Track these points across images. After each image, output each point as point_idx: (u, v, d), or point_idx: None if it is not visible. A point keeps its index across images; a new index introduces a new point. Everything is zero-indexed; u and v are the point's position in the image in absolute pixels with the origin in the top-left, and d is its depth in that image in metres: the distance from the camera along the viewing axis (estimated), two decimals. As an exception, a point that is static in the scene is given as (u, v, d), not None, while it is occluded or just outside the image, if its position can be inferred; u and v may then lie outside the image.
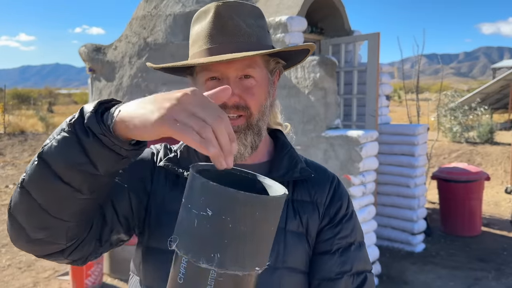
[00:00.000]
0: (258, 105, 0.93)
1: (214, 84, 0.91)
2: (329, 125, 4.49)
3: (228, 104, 0.89)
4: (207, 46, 0.90)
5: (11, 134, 14.21)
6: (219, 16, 0.90)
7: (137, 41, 5.44)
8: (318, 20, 5.57)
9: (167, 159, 0.97)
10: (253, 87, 0.92)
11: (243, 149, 0.93)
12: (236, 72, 0.90)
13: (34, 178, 0.72)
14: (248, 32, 0.91)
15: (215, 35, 0.90)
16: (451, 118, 13.23)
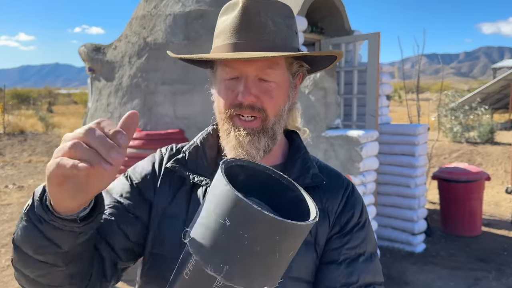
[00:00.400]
0: (275, 108, 0.90)
1: (233, 82, 0.89)
2: (329, 125, 4.48)
3: (244, 104, 0.87)
4: (230, 41, 0.87)
5: (11, 134, 14.20)
6: (246, 11, 0.86)
7: (137, 41, 5.43)
8: (318, 20, 5.56)
9: (175, 160, 0.95)
10: (272, 90, 0.89)
11: (255, 152, 0.89)
12: (255, 71, 0.87)
13: (16, 259, 0.80)
14: (274, 31, 0.87)
15: (239, 30, 0.87)
16: (452, 118, 13.23)
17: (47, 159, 11.87)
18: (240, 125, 0.89)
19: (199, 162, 0.95)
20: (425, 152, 5.43)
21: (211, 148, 0.97)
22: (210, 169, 0.94)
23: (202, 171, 0.94)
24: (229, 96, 0.89)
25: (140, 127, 5.16)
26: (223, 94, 0.90)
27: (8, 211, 7.04)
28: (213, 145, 0.98)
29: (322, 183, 0.95)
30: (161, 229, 0.92)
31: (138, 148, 4.59)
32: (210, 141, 0.98)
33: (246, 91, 0.86)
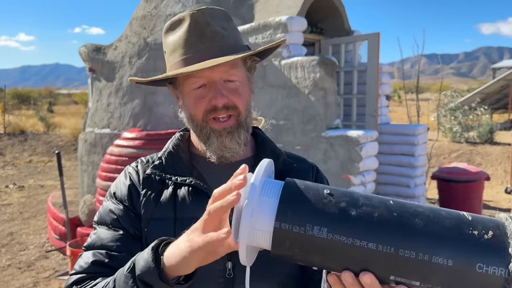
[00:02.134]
0: (244, 103, 0.97)
1: (201, 90, 0.94)
2: (329, 125, 4.49)
3: (219, 106, 0.93)
4: (188, 54, 0.93)
5: (11, 134, 14.21)
6: (196, 24, 0.93)
7: (137, 41, 5.44)
8: (318, 20, 5.57)
9: (153, 167, 1.00)
10: (238, 88, 0.96)
11: (238, 147, 0.97)
12: (221, 75, 0.93)
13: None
14: (226, 35, 0.94)
15: (194, 42, 0.93)
16: (451, 118, 13.24)
17: (48, 159, 11.88)
18: (218, 127, 0.95)
19: (177, 165, 1.00)
20: (425, 152, 5.44)
21: (184, 152, 1.04)
22: (188, 170, 1.00)
23: (182, 172, 0.99)
24: (201, 103, 0.94)
25: (140, 127, 5.17)
26: (194, 103, 0.95)
27: (8, 211, 7.05)
28: (185, 150, 1.04)
29: (293, 166, 1.05)
30: (150, 232, 0.95)
31: (138, 148, 4.60)
32: (182, 146, 1.04)
33: (219, 94, 0.93)
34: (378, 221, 0.60)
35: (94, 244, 0.95)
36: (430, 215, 0.61)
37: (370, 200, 0.62)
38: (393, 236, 0.59)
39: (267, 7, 5.12)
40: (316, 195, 0.63)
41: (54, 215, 5.46)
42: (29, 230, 6.07)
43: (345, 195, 0.63)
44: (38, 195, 8.14)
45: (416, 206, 0.63)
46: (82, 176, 5.75)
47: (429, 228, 0.59)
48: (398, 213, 0.61)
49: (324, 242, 0.60)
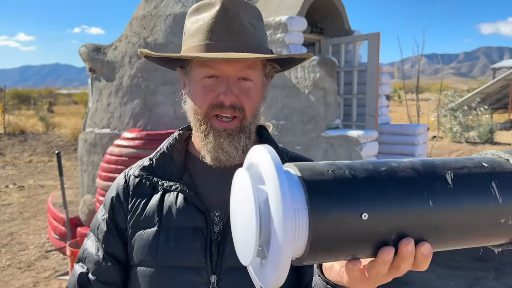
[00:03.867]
0: (253, 107, 0.90)
1: (212, 82, 0.88)
2: (329, 125, 4.49)
3: (226, 104, 0.87)
4: (209, 41, 0.86)
5: (11, 134, 14.21)
6: (225, 12, 0.86)
7: (137, 41, 5.44)
8: (318, 20, 5.57)
9: (141, 168, 0.95)
10: (251, 90, 0.89)
11: (235, 152, 0.90)
12: (236, 72, 0.87)
13: None
14: (252, 33, 0.88)
15: (219, 30, 0.86)
16: (451, 118, 13.24)
17: (48, 159, 11.89)
18: (219, 126, 0.88)
19: (167, 168, 0.94)
20: (425, 152, 5.44)
21: (178, 153, 0.97)
22: (179, 174, 0.94)
23: (171, 176, 0.93)
24: (208, 96, 0.88)
25: (140, 127, 5.17)
26: (201, 93, 0.89)
27: (8, 211, 7.05)
28: (180, 150, 0.98)
29: None
30: (134, 242, 0.92)
31: (138, 148, 4.60)
32: (177, 147, 0.98)
33: (229, 91, 0.86)
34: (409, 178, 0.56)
35: (82, 259, 0.98)
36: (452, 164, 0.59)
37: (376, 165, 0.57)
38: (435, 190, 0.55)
39: (267, 7, 5.12)
40: (336, 174, 0.55)
41: (54, 215, 5.46)
42: (29, 230, 6.07)
43: (351, 166, 0.57)
44: (38, 195, 8.14)
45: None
46: (82, 176, 5.75)
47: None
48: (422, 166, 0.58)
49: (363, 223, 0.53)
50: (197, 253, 0.88)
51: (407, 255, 0.55)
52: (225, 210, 0.91)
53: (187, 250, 0.88)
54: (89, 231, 1.00)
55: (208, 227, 0.89)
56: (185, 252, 0.88)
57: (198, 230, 0.89)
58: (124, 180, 0.98)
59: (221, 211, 0.91)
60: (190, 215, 0.89)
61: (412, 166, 0.58)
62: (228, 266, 0.88)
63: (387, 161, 0.58)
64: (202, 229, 0.89)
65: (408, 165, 0.58)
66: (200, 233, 0.89)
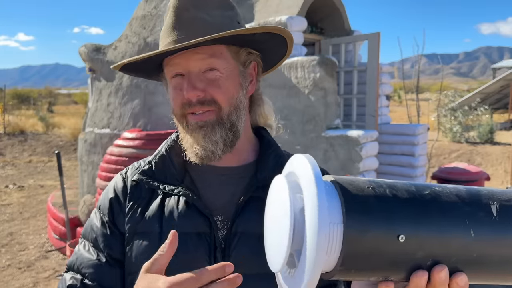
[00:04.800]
0: (226, 98, 0.86)
1: (178, 80, 0.86)
2: (329, 125, 4.49)
3: (192, 101, 0.84)
4: (166, 41, 0.86)
5: (11, 134, 14.21)
6: (176, 9, 0.85)
7: (137, 41, 5.44)
8: (318, 20, 5.57)
9: (141, 172, 0.91)
10: (219, 79, 0.85)
11: (213, 146, 0.85)
12: (197, 65, 0.84)
13: None
14: (207, 23, 0.84)
15: (172, 30, 0.85)
16: (451, 118, 13.24)
17: (48, 159, 11.89)
18: (192, 120, 0.86)
19: (167, 171, 0.91)
20: (425, 152, 5.44)
21: (178, 155, 0.93)
22: (180, 177, 0.91)
23: (172, 180, 0.90)
24: (178, 96, 0.86)
25: (140, 127, 5.17)
26: (173, 94, 0.87)
27: (8, 211, 7.05)
28: (179, 152, 0.93)
29: None
30: (134, 248, 0.88)
31: (138, 148, 4.59)
32: (176, 149, 0.94)
33: (190, 87, 0.84)
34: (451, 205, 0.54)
35: (74, 266, 0.91)
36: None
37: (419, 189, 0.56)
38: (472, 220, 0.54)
39: (267, 7, 5.12)
40: (376, 191, 0.54)
41: (54, 215, 5.46)
42: (29, 230, 6.07)
43: (394, 187, 0.56)
44: (38, 195, 8.14)
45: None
46: (82, 176, 5.74)
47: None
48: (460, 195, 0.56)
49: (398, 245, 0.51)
50: (201, 259, 0.84)
51: (439, 283, 0.53)
52: (227, 215, 0.88)
53: (190, 256, 0.84)
54: (81, 238, 0.95)
55: (212, 232, 0.85)
56: (189, 259, 0.84)
57: (202, 236, 0.85)
58: (123, 182, 0.94)
59: (224, 216, 0.88)
60: (193, 219, 0.86)
61: (457, 192, 0.56)
62: (233, 273, 0.86)
63: (431, 185, 0.57)
64: (206, 234, 0.85)
65: (453, 191, 0.56)
66: (204, 238, 0.85)
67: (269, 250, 0.60)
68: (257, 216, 0.83)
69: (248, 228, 0.85)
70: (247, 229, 0.85)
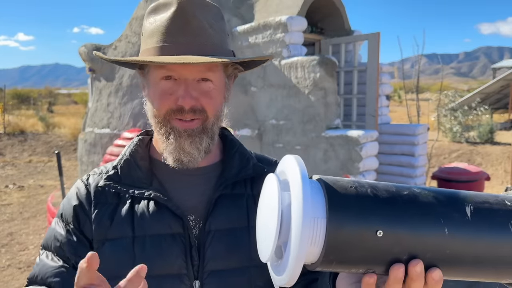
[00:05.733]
0: (214, 109, 0.88)
1: (170, 84, 0.85)
2: (329, 125, 4.49)
3: (186, 108, 0.84)
4: (165, 43, 0.84)
5: (11, 134, 14.21)
6: (182, 12, 0.84)
7: (137, 41, 5.44)
8: (318, 20, 5.57)
9: (107, 178, 0.90)
10: (211, 91, 0.87)
11: (197, 153, 0.88)
12: (195, 74, 0.85)
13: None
14: (211, 34, 0.86)
15: (175, 32, 0.84)
16: (451, 118, 13.24)
17: (47, 159, 11.89)
18: (180, 126, 0.86)
19: (134, 175, 0.91)
20: (425, 152, 5.44)
21: (143, 159, 0.93)
22: (147, 180, 0.91)
23: (140, 184, 0.90)
24: (167, 100, 0.85)
25: (140, 127, 5.17)
26: (160, 97, 0.86)
27: (8, 211, 7.05)
28: (144, 156, 0.94)
29: (263, 171, 0.94)
30: (106, 254, 0.85)
31: (138, 148, 4.60)
32: (140, 152, 0.94)
33: (187, 95, 0.84)
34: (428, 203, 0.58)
35: (37, 278, 0.88)
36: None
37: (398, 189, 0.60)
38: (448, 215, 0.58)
39: (267, 7, 5.11)
40: (358, 190, 0.58)
41: (54, 215, 5.46)
42: (29, 230, 6.07)
43: (373, 186, 0.60)
44: (38, 195, 8.14)
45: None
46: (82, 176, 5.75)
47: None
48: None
49: (377, 239, 0.56)
50: (178, 260, 0.85)
51: (416, 276, 0.57)
52: (198, 214, 0.89)
53: (167, 258, 0.85)
54: (41, 249, 0.92)
55: (186, 232, 0.86)
56: (165, 260, 0.85)
57: (176, 236, 0.86)
58: (86, 189, 0.92)
59: (195, 215, 0.89)
60: (165, 221, 0.86)
61: (435, 194, 0.60)
62: (210, 270, 0.86)
63: (411, 187, 0.61)
64: (180, 235, 0.86)
65: (431, 193, 0.60)
66: (178, 239, 0.86)
67: (260, 242, 0.65)
68: (227, 213, 0.89)
69: (220, 225, 0.88)
70: (220, 226, 0.88)
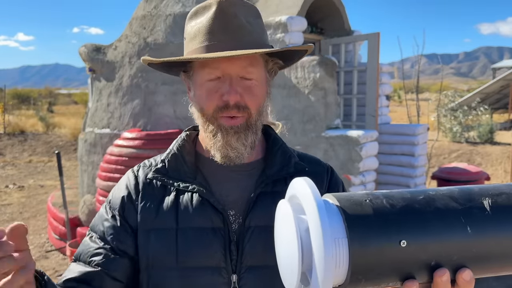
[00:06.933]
0: (257, 105, 0.91)
1: (216, 84, 0.89)
2: (329, 125, 4.49)
3: (230, 103, 0.87)
4: (208, 42, 0.87)
5: (11, 134, 14.21)
6: (222, 13, 0.87)
7: (137, 41, 5.44)
8: (318, 20, 5.57)
9: (155, 171, 0.95)
10: (254, 87, 0.90)
11: (243, 149, 0.91)
12: (238, 70, 0.88)
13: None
14: (250, 30, 0.89)
15: (217, 31, 0.87)
16: (451, 118, 13.24)
17: (48, 159, 11.89)
18: (226, 124, 0.89)
19: (180, 169, 0.95)
20: (425, 152, 5.44)
21: (189, 154, 0.98)
22: (192, 174, 0.95)
23: (185, 177, 0.94)
24: (213, 98, 0.89)
25: (140, 127, 5.17)
26: (206, 96, 0.90)
27: (8, 211, 7.05)
28: (190, 151, 0.99)
29: (305, 169, 0.97)
30: (151, 243, 0.91)
31: (138, 148, 4.59)
32: (186, 148, 0.99)
33: (233, 90, 0.87)
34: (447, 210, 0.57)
35: (80, 256, 0.93)
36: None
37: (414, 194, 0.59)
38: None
39: (267, 7, 5.11)
40: (375, 205, 0.57)
41: (54, 215, 5.46)
42: (29, 230, 6.06)
43: (392, 197, 0.59)
44: (38, 195, 8.14)
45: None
46: (82, 176, 5.75)
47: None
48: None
49: (401, 251, 0.54)
50: (217, 253, 0.88)
51: (441, 285, 0.56)
52: (238, 209, 0.92)
53: (207, 250, 0.88)
54: (89, 231, 0.97)
55: (226, 227, 0.89)
56: (205, 253, 0.88)
57: (217, 230, 0.89)
58: (135, 180, 0.97)
59: (235, 210, 0.92)
60: (207, 215, 0.90)
61: (450, 193, 0.59)
62: (248, 265, 0.89)
63: (425, 190, 0.60)
64: (220, 229, 0.89)
65: (446, 193, 0.59)
66: (218, 233, 0.89)
67: (282, 271, 0.64)
68: (267, 210, 0.89)
69: (259, 222, 0.90)
70: (259, 223, 0.90)
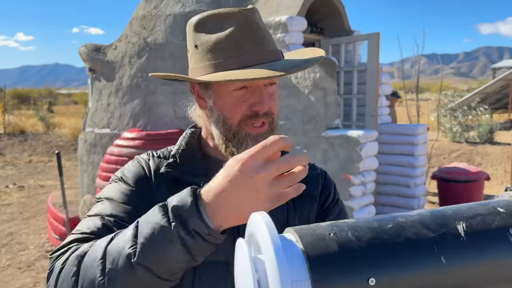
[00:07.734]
0: (276, 109, 0.96)
1: (242, 93, 0.90)
2: (329, 125, 4.49)
3: (260, 113, 0.90)
4: (236, 55, 0.88)
5: (11, 134, 14.21)
6: (247, 23, 0.88)
7: (137, 41, 5.44)
8: (318, 20, 5.57)
9: (167, 165, 0.98)
10: (274, 93, 0.94)
11: None
12: (265, 80, 0.90)
13: (133, 283, 0.71)
14: (271, 40, 0.92)
15: (244, 43, 0.88)
16: (451, 118, 13.24)
17: (48, 159, 11.89)
18: (253, 132, 0.92)
19: (190, 164, 0.98)
20: (425, 152, 5.44)
21: (196, 151, 1.02)
22: (201, 171, 0.97)
23: (196, 173, 0.97)
24: (241, 107, 0.91)
25: (140, 127, 5.17)
26: (233, 106, 0.91)
27: (8, 211, 7.05)
28: (195, 147, 1.02)
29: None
30: None
31: (138, 148, 4.60)
32: (193, 144, 1.02)
33: (264, 101, 0.90)
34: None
35: (102, 213, 0.89)
36: None
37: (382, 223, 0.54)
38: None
39: (267, 7, 5.11)
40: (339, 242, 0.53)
41: (54, 215, 5.46)
42: (29, 230, 6.07)
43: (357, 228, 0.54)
44: (38, 195, 8.14)
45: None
46: (82, 176, 5.75)
47: None
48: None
49: None
50: (227, 248, 0.87)
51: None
52: None
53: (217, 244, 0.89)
54: (103, 199, 0.95)
55: None
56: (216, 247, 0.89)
57: None
58: (148, 166, 1.00)
59: None
60: None
61: (421, 219, 0.55)
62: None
63: (393, 216, 0.55)
64: None
65: (416, 219, 0.55)
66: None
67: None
68: None
69: None
70: None
